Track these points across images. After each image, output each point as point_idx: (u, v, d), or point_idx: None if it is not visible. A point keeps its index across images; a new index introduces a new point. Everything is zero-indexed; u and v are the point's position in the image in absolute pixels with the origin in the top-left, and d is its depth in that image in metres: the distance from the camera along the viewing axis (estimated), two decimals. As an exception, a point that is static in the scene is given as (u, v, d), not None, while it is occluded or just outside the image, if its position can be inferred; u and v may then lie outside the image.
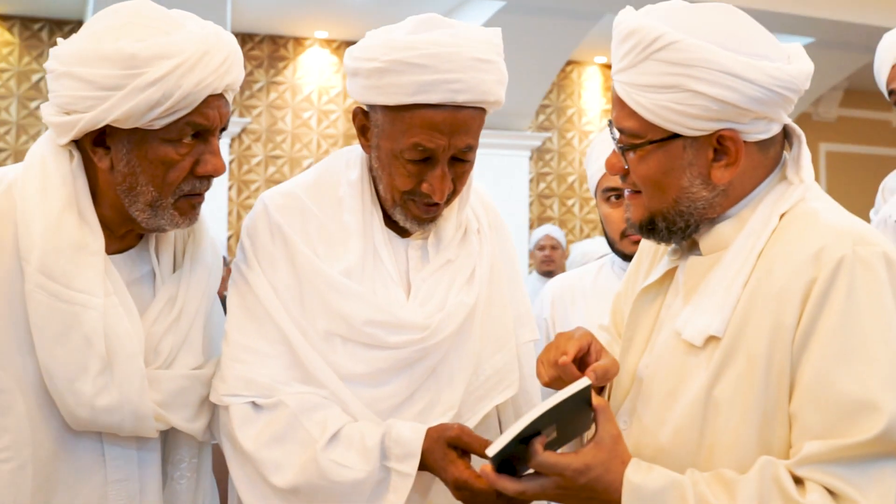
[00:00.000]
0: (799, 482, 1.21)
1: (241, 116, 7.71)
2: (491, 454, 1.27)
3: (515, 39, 6.40)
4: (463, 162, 1.60)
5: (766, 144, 1.37)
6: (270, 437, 1.53)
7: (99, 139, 1.49)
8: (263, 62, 7.86)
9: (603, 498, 1.29)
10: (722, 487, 1.23)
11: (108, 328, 1.46)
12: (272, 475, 1.51)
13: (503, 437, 1.26)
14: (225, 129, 1.56)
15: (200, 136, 1.52)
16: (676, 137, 1.33)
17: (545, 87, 7.84)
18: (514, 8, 6.50)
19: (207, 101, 1.48)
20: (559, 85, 8.77)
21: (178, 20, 1.51)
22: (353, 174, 1.67)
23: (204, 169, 1.52)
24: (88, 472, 1.52)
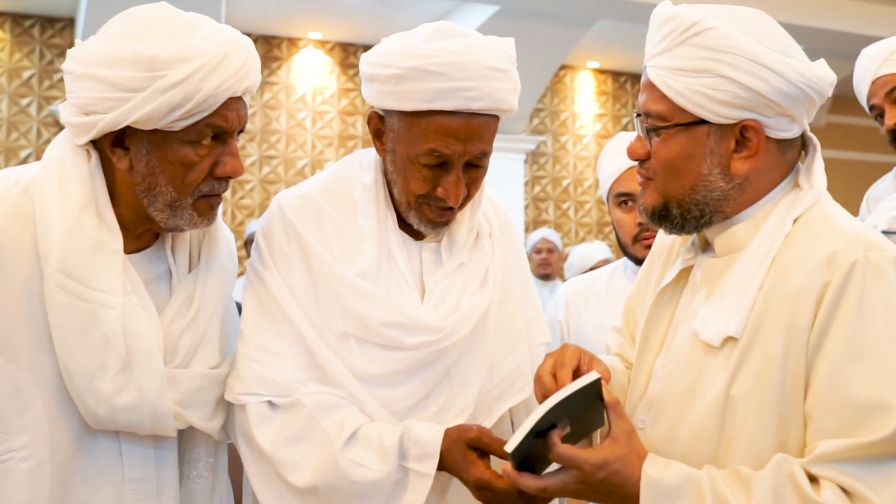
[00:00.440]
0: (813, 480, 1.23)
1: (235, 116, 7.69)
2: (510, 450, 1.29)
3: (510, 43, 6.42)
4: (477, 167, 1.62)
5: (784, 146, 1.40)
6: (288, 436, 1.54)
7: (118, 140, 1.50)
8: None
9: (622, 492, 1.32)
10: (738, 483, 1.26)
11: (127, 327, 1.47)
12: (290, 474, 1.52)
13: (519, 431, 1.29)
14: (242, 130, 1.58)
15: (219, 137, 1.53)
16: (702, 123, 1.37)
17: (539, 91, 7.89)
18: (508, 13, 6.54)
19: (227, 103, 1.50)
20: (553, 89, 8.82)
21: (196, 23, 1.52)
22: (367, 177, 1.69)
23: (223, 170, 1.54)
24: (106, 471, 1.52)
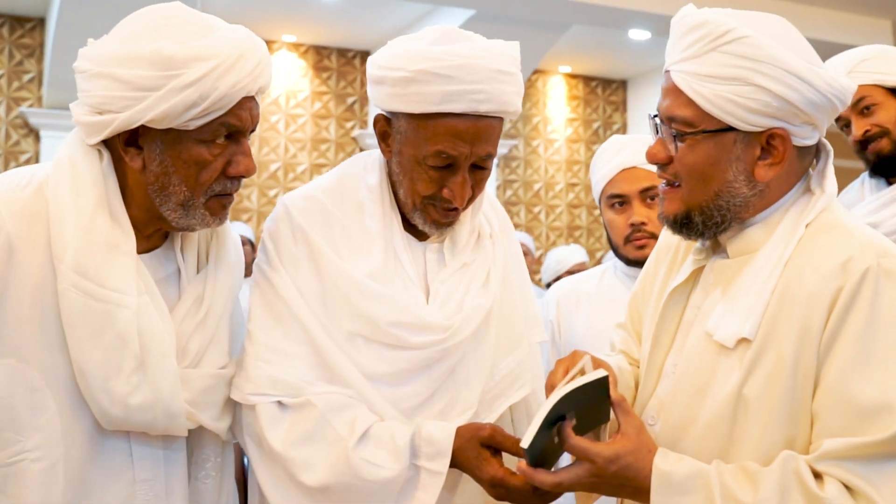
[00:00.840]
0: (818, 476, 1.27)
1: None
2: (526, 446, 1.32)
3: (485, 48, 6.44)
4: (482, 169, 1.65)
5: (803, 153, 1.43)
6: (299, 436, 1.56)
7: (131, 139, 1.50)
8: (230, 64, 7.81)
9: (633, 485, 1.35)
10: (745, 478, 1.30)
11: (141, 327, 1.47)
12: (302, 474, 1.54)
13: (532, 427, 1.32)
14: (254, 130, 1.58)
15: (232, 137, 1.54)
16: (729, 130, 1.38)
17: (512, 95, 7.90)
18: (483, 17, 6.57)
19: (241, 102, 1.50)
20: (525, 93, 8.81)
21: (212, 23, 1.53)
22: (371, 179, 1.71)
23: (236, 169, 1.54)
24: (117, 471, 1.52)
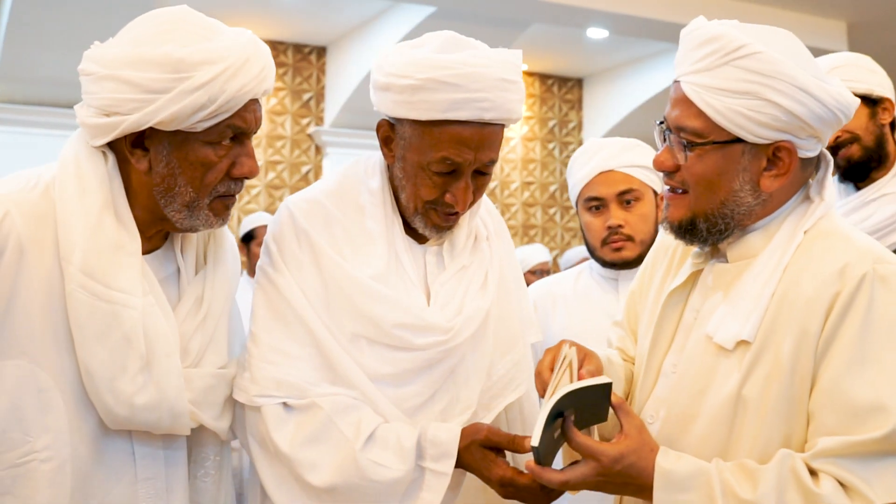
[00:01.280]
0: (814, 473, 1.33)
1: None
2: (535, 444, 1.37)
3: (445, 45, 6.46)
4: (484, 175, 1.68)
5: (806, 164, 1.49)
6: (306, 437, 1.58)
7: (137, 141, 1.51)
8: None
9: (637, 483, 1.40)
10: (744, 475, 1.35)
11: (146, 327, 1.48)
12: (308, 474, 1.56)
13: (538, 426, 1.37)
14: (255, 132, 1.60)
15: (237, 138, 1.56)
16: (738, 142, 1.43)
17: (470, 92, 7.92)
18: (443, 14, 6.58)
19: (246, 105, 1.53)
20: (481, 91, 8.88)
21: (217, 27, 1.55)
22: (373, 182, 1.73)
23: (240, 171, 1.56)
24: (120, 470, 1.53)
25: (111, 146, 1.54)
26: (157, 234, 1.61)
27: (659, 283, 1.65)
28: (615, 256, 2.33)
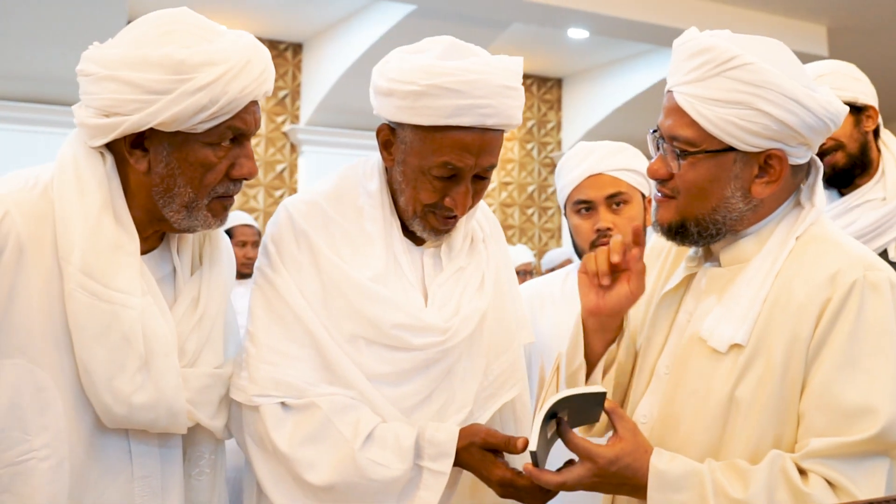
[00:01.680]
0: (803, 473, 1.37)
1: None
2: (533, 449, 1.40)
3: (425, 44, 6.47)
4: (483, 179, 1.71)
5: (796, 170, 1.53)
6: (304, 436, 1.59)
7: (136, 141, 1.51)
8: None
9: (632, 483, 1.44)
10: (736, 475, 1.39)
11: (145, 327, 1.49)
12: (307, 473, 1.57)
13: (535, 430, 1.40)
14: (255, 134, 1.61)
15: (237, 140, 1.57)
16: (729, 150, 1.46)
17: (449, 91, 7.93)
18: (423, 13, 6.58)
19: (246, 106, 1.54)
20: (460, 90, 8.88)
21: (217, 28, 1.56)
22: (372, 185, 1.74)
23: (239, 172, 1.57)
24: (116, 469, 1.54)
25: (109, 146, 1.54)
26: (153, 234, 1.61)
27: (652, 285, 1.68)
28: None
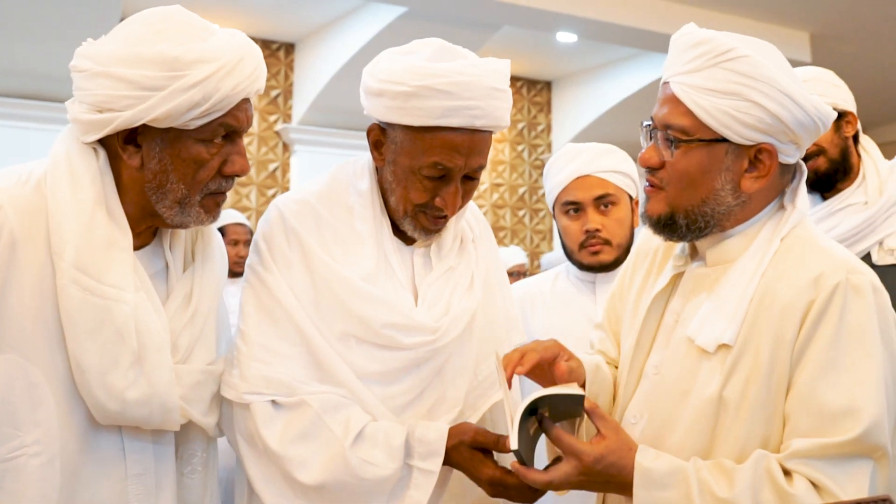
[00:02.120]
0: (788, 473, 1.38)
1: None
2: (514, 447, 1.42)
3: (416, 45, 6.48)
4: (472, 179, 1.72)
5: (784, 170, 1.54)
6: (295, 435, 1.60)
7: (129, 137, 1.52)
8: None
9: (618, 481, 1.45)
10: (721, 474, 1.40)
11: (138, 323, 1.49)
12: (298, 472, 1.58)
13: (514, 429, 1.42)
14: (247, 131, 1.62)
15: (229, 137, 1.58)
16: (722, 141, 1.48)
17: (440, 93, 7.95)
18: (414, 15, 6.59)
19: (238, 104, 1.55)
20: (450, 92, 8.90)
21: (210, 26, 1.57)
22: (362, 184, 1.76)
23: (231, 168, 1.58)
24: (110, 466, 1.54)
25: (102, 142, 1.54)
26: (146, 230, 1.62)
27: (639, 285, 1.70)
28: (593, 260, 2.37)
